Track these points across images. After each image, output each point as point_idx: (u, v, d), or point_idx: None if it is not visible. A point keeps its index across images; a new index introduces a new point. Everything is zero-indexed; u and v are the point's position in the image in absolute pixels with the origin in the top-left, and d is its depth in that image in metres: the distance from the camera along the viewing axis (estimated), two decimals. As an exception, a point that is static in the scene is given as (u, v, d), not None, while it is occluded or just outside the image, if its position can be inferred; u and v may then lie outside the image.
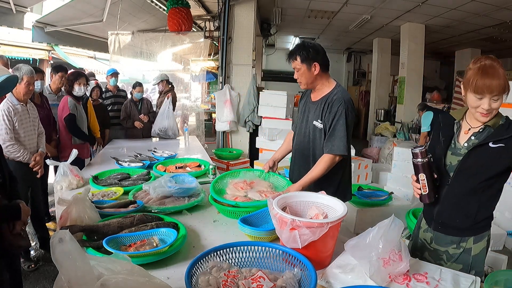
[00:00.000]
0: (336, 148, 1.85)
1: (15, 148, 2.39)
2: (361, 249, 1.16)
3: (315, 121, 1.96)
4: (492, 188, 1.40)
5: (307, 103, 2.07)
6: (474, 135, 1.40)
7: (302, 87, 2.03)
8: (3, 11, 4.33)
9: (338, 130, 1.85)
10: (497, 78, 1.27)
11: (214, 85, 10.02)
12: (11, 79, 1.36)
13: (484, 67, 1.30)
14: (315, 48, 1.91)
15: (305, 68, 1.91)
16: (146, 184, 1.96)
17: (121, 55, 5.66)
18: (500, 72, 1.28)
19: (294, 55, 1.92)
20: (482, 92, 1.28)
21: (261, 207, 1.67)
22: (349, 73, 12.21)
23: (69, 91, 3.19)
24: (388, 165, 5.07)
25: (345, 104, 1.86)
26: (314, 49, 1.90)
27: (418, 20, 6.51)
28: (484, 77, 1.27)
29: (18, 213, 1.45)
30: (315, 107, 1.99)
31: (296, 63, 1.92)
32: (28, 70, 2.43)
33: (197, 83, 7.64)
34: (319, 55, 1.91)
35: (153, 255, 1.29)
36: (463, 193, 1.41)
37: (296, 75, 1.97)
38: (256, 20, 5.47)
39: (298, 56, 1.90)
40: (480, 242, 1.43)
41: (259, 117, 5.06)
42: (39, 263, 2.77)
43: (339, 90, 1.94)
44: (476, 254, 1.43)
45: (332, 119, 1.87)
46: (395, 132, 7.10)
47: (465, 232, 1.44)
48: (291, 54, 1.95)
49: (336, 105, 1.87)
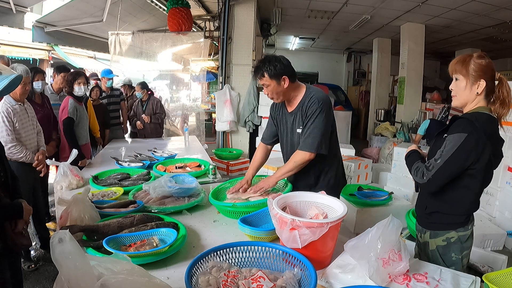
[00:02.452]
0: (306, 145, 1.86)
1: (17, 149, 2.38)
2: (360, 249, 1.16)
3: (298, 129, 1.97)
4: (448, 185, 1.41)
5: (285, 115, 2.06)
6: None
7: (275, 101, 2.01)
8: (3, 11, 4.33)
9: (312, 128, 1.87)
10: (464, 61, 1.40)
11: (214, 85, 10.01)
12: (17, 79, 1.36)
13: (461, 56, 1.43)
14: (280, 62, 1.87)
15: (274, 84, 1.87)
16: (146, 184, 1.96)
17: (121, 55, 5.66)
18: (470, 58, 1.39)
19: (261, 72, 1.86)
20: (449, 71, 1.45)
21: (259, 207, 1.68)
22: (349, 73, 12.21)
23: (69, 92, 3.19)
24: (388, 165, 5.07)
25: (318, 103, 1.87)
26: (280, 63, 1.86)
27: (418, 20, 6.51)
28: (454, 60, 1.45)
29: (20, 212, 1.45)
30: (293, 116, 1.99)
31: (264, 80, 1.88)
32: (23, 70, 2.43)
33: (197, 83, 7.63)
34: (286, 68, 1.88)
35: (153, 255, 1.29)
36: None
37: (266, 91, 1.94)
38: (256, 20, 5.47)
39: (266, 72, 1.85)
40: (436, 239, 1.49)
41: (259, 117, 5.06)
42: (39, 263, 2.77)
43: (311, 91, 1.93)
44: (433, 249, 1.50)
45: (308, 121, 1.89)
46: (395, 132, 7.10)
47: (422, 222, 1.58)
48: (257, 71, 1.90)
49: (312, 107, 1.88)
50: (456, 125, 1.37)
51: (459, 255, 1.47)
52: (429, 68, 9.82)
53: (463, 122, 1.35)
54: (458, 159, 1.34)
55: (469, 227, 1.47)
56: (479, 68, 1.37)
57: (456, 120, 1.39)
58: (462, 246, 1.47)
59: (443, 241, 1.47)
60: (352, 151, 4.55)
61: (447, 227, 1.47)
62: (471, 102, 1.42)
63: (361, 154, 6.18)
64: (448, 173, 1.37)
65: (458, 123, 1.37)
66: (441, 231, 1.48)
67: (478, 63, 1.38)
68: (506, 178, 3.40)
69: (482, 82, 1.37)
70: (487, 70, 1.37)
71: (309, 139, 1.86)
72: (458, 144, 1.33)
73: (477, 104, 1.41)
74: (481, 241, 3.01)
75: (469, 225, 1.47)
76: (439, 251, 1.49)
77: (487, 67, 1.37)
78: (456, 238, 1.46)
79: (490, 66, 1.38)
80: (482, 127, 1.32)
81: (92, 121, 3.79)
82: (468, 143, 1.32)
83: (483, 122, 1.34)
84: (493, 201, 3.50)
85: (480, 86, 1.38)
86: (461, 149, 1.33)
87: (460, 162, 1.34)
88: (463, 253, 1.47)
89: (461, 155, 1.33)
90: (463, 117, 1.37)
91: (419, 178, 1.41)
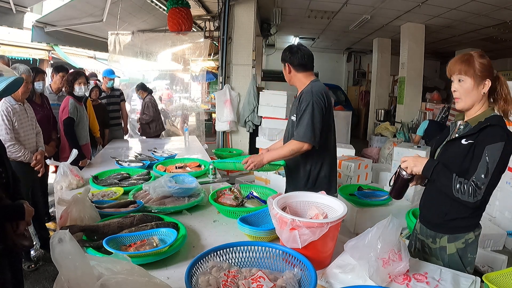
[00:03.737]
0: (299, 135, 1.96)
1: (16, 148, 2.39)
2: (360, 249, 1.16)
3: (292, 116, 2.11)
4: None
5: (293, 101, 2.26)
6: (458, 132, 1.45)
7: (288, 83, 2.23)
8: (3, 11, 4.32)
9: (303, 119, 1.96)
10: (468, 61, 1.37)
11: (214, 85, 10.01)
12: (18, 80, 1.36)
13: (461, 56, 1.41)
14: (288, 50, 2.11)
15: (283, 67, 2.15)
16: (146, 184, 1.96)
17: (121, 55, 5.66)
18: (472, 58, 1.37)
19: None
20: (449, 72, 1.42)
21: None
22: (349, 73, 12.21)
23: (70, 92, 3.18)
24: (388, 165, 5.07)
25: (312, 96, 1.98)
26: (286, 51, 2.11)
27: (418, 20, 6.51)
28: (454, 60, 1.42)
29: (22, 213, 1.45)
30: (293, 103, 2.18)
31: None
32: (25, 69, 2.44)
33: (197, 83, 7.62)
34: (288, 56, 2.09)
35: (153, 255, 1.29)
36: (438, 189, 1.45)
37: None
38: (256, 20, 5.47)
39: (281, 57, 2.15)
40: (456, 243, 1.46)
41: (259, 117, 5.05)
42: (39, 263, 2.77)
43: (312, 85, 2.06)
44: (452, 253, 1.47)
45: (301, 111, 2.00)
46: (395, 132, 7.10)
47: (439, 228, 1.51)
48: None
49: (305, 98, 2.00)
50: (492, 134, 1.32)
51: (474, 255, 1.47)
52: (429, 68, 9.82)
53: (497, 130, 1.32)
54: (502, 168, 1.32)
55: (480, 226, 1.48)
56: (484, 67, 1.36)
57: (488, 128, 1.34)
58: (477, 245, 1.48)
59: (463, 244, 1.45)
60: (352, 151, 4.55)
61: (467, 229, 1.45)
62: (477, 104, 1.41)
63: (361, 154, 6.18)
64: (495, 184, 1.34)
65: (493, 132, 1.32)
66: (461, 233, 1.46)
67: (481, 62, 1.36)
68: (506, 178, 3.40)
69: (488, 82, 1.37)
70: (491, 69, 1.37)
71: (301, 129, 1.96)
72: (500, 153, 1.30)
73: (483, 105, 1.40)
74: (481, 241, 3.00)
75: (480, 224, 1.48)
76: (459, 253, 1.46)
77: (490, 66, 1.37)
78: (473, 239, 1.46)
79: (491, 64, 1.38)
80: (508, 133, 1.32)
81: (92, 121, 3.78)
82: (507, 151, 1.30)
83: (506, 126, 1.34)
84: (493, 201, 3.50)
85: (486, 86, 1.37)
86: (503, 158, 1.31)
87: (502, 171, 1.33)
88: (476, 251, 1.48)
89: (503, 163, 1.32)
90: (495, 124, 1.34)
91: (468, 197, 1.31)
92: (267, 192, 2.02)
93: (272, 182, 3.75)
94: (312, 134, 1.93)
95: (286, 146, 2.01)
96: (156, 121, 5.04)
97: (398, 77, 7.64)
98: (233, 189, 1.98)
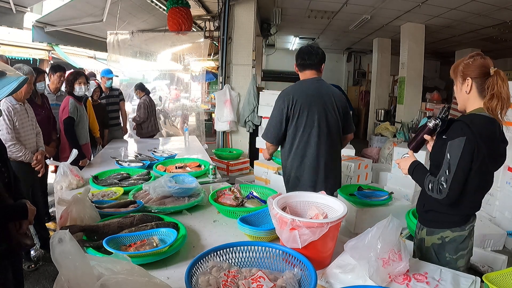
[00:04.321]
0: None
1: (17, 148, 2.39)
2: (360, 249, 1.16)
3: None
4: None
5: None
6: None
7: None
8: (3, 11, 4.32)
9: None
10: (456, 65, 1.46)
11: (214, 85, 10.02)
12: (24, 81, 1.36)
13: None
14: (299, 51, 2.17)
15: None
16: (146, 184, 1.96)
17: (120, 54, 5.65)
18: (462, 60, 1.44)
19: None
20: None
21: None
22: (349, 73, 12.20)
23: (70, 92, 3.18)
24: (388, 165, 5.07)
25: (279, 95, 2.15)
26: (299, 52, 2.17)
27: (418, 20, 6.50)
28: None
29: (25, 212, 1.45)
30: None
31: None
32: (28, 70, 2.45)
33: (197, 83, 7.63)
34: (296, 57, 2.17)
35: (153, 255, 1.29)
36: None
37: None
38: (256, 20, 5.46)
39: None
40: (432, 237, 1.50)
41: (259, 117, 5.05)
42: (39, 263, 2.77)
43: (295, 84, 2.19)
44: (428, 247, 1.52)
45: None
46: (395, 132, 7.10)
47: (420, 219, 1.60)
48: None
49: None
50: (453, 129, 1.37)
51: (453, 255, 1.46)
52: (429, 68, 9.82)
53: (460, 125, 1.35)
54: (466, 163, 1.33)
55: (466, 228, 1.46)
56: (466, 67, 1.40)
57: (453, 124, 1.40)
58: (457, 247, 1.46)
59: (438, 240, 1.48)
60: (352, 151, 4.55)
61: (442, 225, 1.48)
62: (468, 103, 1.44)
63: (361, 154, 6.18)
64: (462, 180, 1.35)
65: (455, 127, 1.37)
66: (436, 229, 1.49)
67: (466, 63, 1.41)
68: (506, 178, 3.40)
69: (468, 81, 1.39)
70: (474, 68, 1.38)
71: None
72: (461, 149, 1.32)
73: (474, 104, 1.42)
74: (481, 241, 3.01)
75: (467, 226, 1.46)
76: (434, 249, 1.50)
77: (474, 65, 1.38)
78: (451, 238, 1.46)
79: (479, 63, 1.38)
80: (477, 129, 1.32)
81: (92, 121, 3.78)
82: (469, 146, 1.32)
83: (478, 124, 1.34)
84: (493, 201, 3.50)
85: (466, 85, 1.40)
86: (465, 153, 1.32)
87: (467, 166, 1.34)
88: (458, 253, 1.46)
89: (466, 158, 1.33)
90: (459, 119, 1.38)
91: (436, 195, 1.37)
92: (267, 192, 2.02)
93: (272, 182, 3.75)
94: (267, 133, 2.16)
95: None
96: (148, 122, 5.00)
97: (398, 77, 7.64)
98: (233, 189, 1.98)
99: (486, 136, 1.33)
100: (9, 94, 1.28)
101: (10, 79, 1.26)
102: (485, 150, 1.33)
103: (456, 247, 1.46)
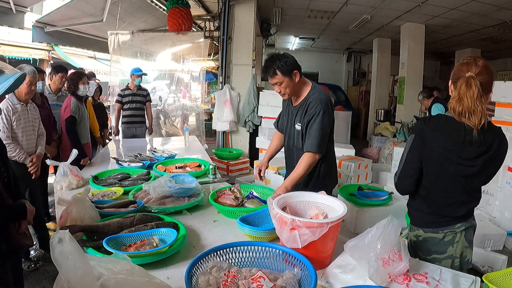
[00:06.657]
0: (308, 146, 1.93)
1: (10, 148, 2.38)
2: (360, 249, 1.16)
3: (296, 125, 2.03)
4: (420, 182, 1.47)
5: (289, 107, 2.14)
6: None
7: (286, 97, 2.06)
8: (3, 11, 4.32)
9: (312, 129, 1.92)
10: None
11: (214, 85, 10.02)
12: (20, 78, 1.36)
13: None
14: (288, 57, 1.91)
15: (287, 80, 1.91)
16: (146, 184, 1.96)
17: (120, 55, 5.65)
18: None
19: (273, 70, 1.90)
20: None
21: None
22: (349, 73, 12.21)
23: (74, 92, 3.19)
24: (388, 165, 5.07)
25: (321, 105, 1.91)
26: (288, 58, 1.90)
27: (418, 20, 6.50)
28: None
29: (24, 212, 1.45)
30: (296, 111, 2.05)
31: (277, 78, 1.91)
32: (31, 70, 2.45)
33: (197, 83, 7.63)
34: (295, 62, 1.92)
35: (153, 255, 1.29)
36: None
37: (278, 89, 1.97)
38: (256, 20, 5.46)
39: (278, 69, 1.88)
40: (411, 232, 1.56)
41: (259, 117, 5.05)
42: (39, 263, 2.77)
43: (316, 91, 1.98)
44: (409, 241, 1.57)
45: (309, 121, 1.93)
46: (395, 132, 7.09)
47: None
48: (267, 70, 1.92)
49: (312, 106, 1.93)
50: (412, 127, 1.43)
51: (426, 256, 1.46)
52: (429, 68, 9.82)
53: (416, 123, 1.42)
54: (412, 158, 1.41)
55: (439, 231, 1.42)
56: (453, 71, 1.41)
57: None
58: (430, 249, 1.45)
59: (414, 237, 1.52)
60: (352, 151, 4.54)
61: (417, 223, 1.52)
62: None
63: (361, 154, 6.18)
64: (409, 174, 1.43)
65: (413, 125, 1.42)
66: (413, 226, 1.53)
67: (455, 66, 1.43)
68: (506, 178, 3.40)
69: (450, 83, 1.41)
70: (453, 73, 1.40)
71: (313, 140, 1.91)
72: (409, 145, 1.41)
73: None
74: (481, 241, 3.00)
75: (442, 230, 1.42)
76: (412, 244, 1.54)
77: (454, 69, 1.40)
78: (424, 238, 1.47)
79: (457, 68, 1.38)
80: (432, 126, 1.36)
81: (92, 120, 3.78)
82: (416, 143, 1.38)
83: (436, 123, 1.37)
84: (493, 201, 3.50)
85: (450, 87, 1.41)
86: (413, 149, 1.39)
87: (414, 162, 1.40)
88: (431, 256, 1.45)
89: (413, 154, 1.40)
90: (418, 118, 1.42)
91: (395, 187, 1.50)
92: (267, 192, 2.01)
93: (272, 182, 3.75)
94: (317, 144, 1.90)
95: (301, 164, 1.91)
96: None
97: (398, 77, 7.64)
98: (233, 189, 1.98)
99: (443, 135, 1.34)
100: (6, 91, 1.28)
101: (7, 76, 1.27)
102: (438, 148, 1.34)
103: (429, 248, 1.47)
